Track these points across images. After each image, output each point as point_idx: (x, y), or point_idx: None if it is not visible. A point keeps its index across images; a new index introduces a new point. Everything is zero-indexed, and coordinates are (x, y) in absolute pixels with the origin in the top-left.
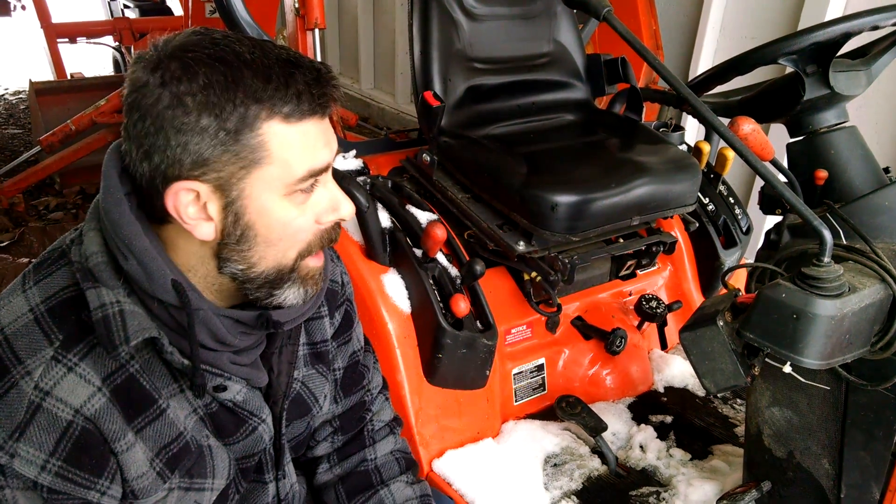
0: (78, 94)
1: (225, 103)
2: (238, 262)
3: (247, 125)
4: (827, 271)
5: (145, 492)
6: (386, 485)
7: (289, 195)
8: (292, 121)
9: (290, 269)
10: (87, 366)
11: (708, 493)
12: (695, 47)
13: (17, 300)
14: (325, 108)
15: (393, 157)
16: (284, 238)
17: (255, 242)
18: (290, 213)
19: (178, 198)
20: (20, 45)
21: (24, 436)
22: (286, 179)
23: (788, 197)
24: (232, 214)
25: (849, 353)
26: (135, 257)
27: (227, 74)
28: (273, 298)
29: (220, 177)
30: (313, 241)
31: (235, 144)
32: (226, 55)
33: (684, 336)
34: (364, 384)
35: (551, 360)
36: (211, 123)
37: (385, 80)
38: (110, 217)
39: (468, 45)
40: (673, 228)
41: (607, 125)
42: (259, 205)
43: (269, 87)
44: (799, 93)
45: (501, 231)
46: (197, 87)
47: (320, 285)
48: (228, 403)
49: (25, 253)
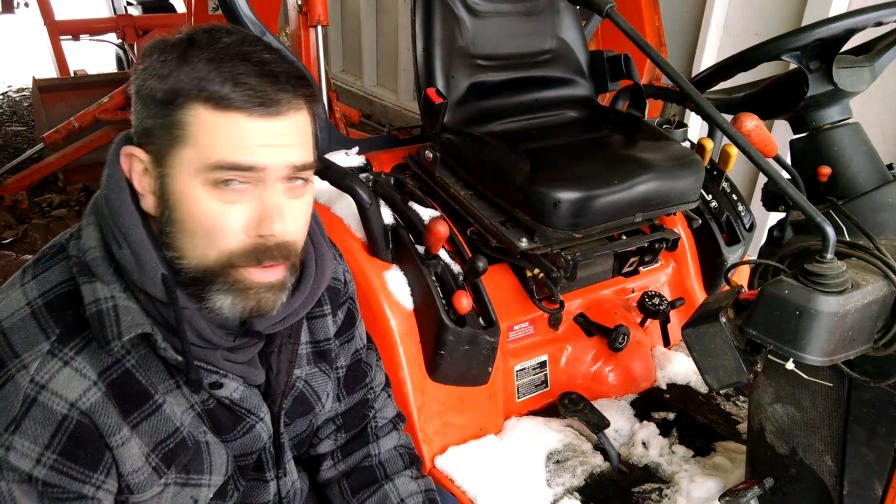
0: (81, 91)
1: (167, 76)
2: (169, 248)
3: (174, 99)
4: (830, 268)
5: (141, 487)
6: (390, 479)
7: (206, 185)
8: (220, 107)
9: (213, 273)
10: (83, 360)
11: (710, 489)
12: (698, 44)
13: (15, 294)
14: (266, 105)
15: (396, 154)
16: (200, 232)
17: (177, 227)
18: (209, 205)
19: (132, 164)
20: (23, 42)
21: (20, 429)
22: (200, 163)
23: (791, 193)
24: (161, 190)
25: (851, 350)
26: (129, 246)
27: (183, 53)
28: (205, 301)
29: (156, 149)
30: (236, 251)
31: (165, 118)
32: (200, 39)
33: (687, 333)
34: (367, 382)
35: (554, 356)
36: (154, 92)
37: (388, 77)
38: (111, 204)
39: (471, 42)
40: (676, 225)
41: (610, 122)
42: (180, 186)
43: (208, 70)
44: (802, 89)
45: (504, 228)
46: (158, 60)
47: (267, 304)
48: (226, 401)
49: (29, 250)
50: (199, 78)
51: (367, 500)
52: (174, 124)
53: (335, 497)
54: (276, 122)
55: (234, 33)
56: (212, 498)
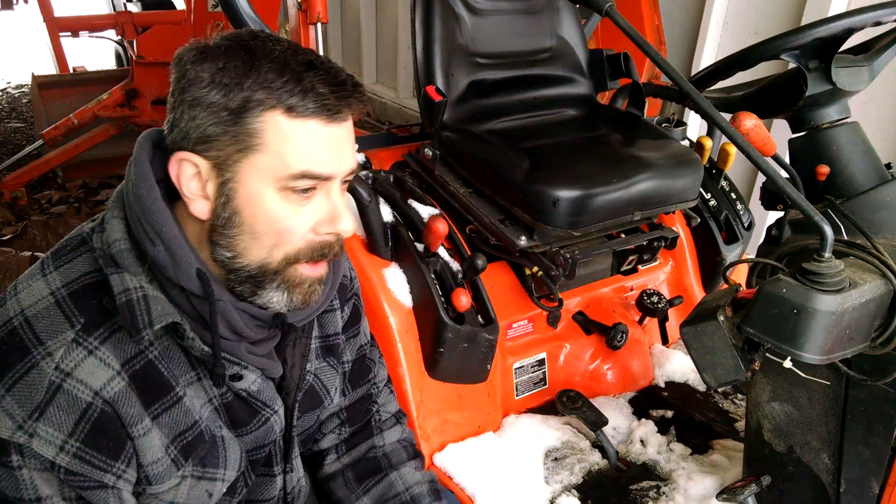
0: (80, 87)
1: (234, 85)
2: (225, 249)
3: (248, 109)
4: (827, 266)
5: (159, 478)
6: (395, 468)
7: (281, 191)
8: (294, 115)
9: (274, 272)
10: (108, 350)
11: (708, 487)
12: (697, 42)
13: (38, 284)
14: (335, 112)
15: (395, 152)
16: (270, 234)
17: (241, 230)
18: (281, 210)
19: (182, 169)
20: (23, 38)
21: (44, 416)
22: (278, 172)
23: (790, 192)
24: (224, 196)
25: (849, 349)
26: (163, 243)
27: (246, 61)
28: (256, 297)
29: (218, 156)
30: (303, 249)
31: (235, 126)
32: (254, 47)
33: (685, 331)
34: (370, 377)
35: (552, 354)
36: (218, 101)
37: (387, 75)
38: (141, 203)
39: (470, 40)
40: (674, 224)
41: (609, 120)
42: (248, 191)
43: (279, 80)
44: (801, 88)
45: (503, 226)
46: (216, 67)
47: (314, 296)
48: (243, 393)
49: (28, 246)
50: (273, 88)
51: (372, 489)
52: (248, 133)
53: (339, 488)
54: (341, 127)
55: (279, 40)
56: (223, 493)
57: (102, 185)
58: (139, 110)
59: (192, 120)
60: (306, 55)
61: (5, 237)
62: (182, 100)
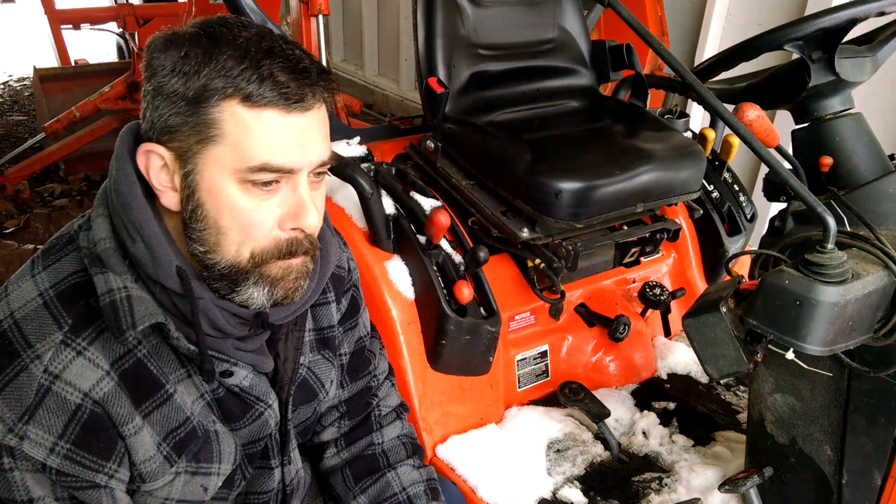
0: (82, 80)
1: (193, 73)
2: (197, 243)
3: (206, 98)
4: (830, 258)
5: (152, 475)
6: (393, 468)
7: (242, 184)
8: (251, 105)
9: (246, 270)
10: (96, 350)
11: (710, 478)
12: (700, 33)
13: (26, 285)
14: (295, 101)
15: (397, 144)
16: (234, 229)
17: (206, 224)
18: (243, 203)
19: (150, 160)
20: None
21: (34, 419)
22: (237, 165)
23: (793, 184)
24: (188, 187)
25: (851, 340)
26: (143, 240)
27: (208, 49)
28: (235, 295)
29: (180, 146)
30: (268, 248)
31: (193, 116)
32: (218, 34)
33: (687, 322)
34: (370, 370)
35: (555, 346)
36: (178, 90)
37: (389, 67)
38: (122, 199)
39: (472, 31)
40: (677, 216)
41: (612, 112)
42: (210, 184)
43: (237, 67)
44: (804, 79)
45: (505, 218)
46: (178, 55)
47: (297, 292)
48: (235, 389)
49: (31, 239)
50: (231, 76)
51: (369, 488)
52: (205, 123)
53: (338, 485)
54: (305, 116)
55: (250, 26)
56: (220, 486)
57: (105, 178)
58: (140, 102)
59: (156, 110)
60: (271, 42)
61: (8, 230)
62: (148, 89)
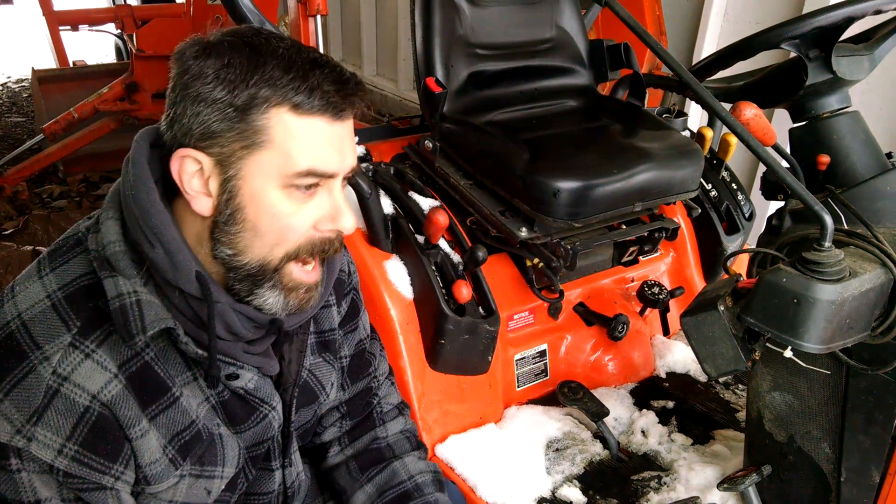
0: (80, 81)
1: (239, 81)
2: (226, 246)
3: (255, 105)
4: (828, 256)
5: (157, 478)
6: (399, 458)
7: (285, 188)
8: (301, 113)
9: (274, 269)
10: (104, 353)
11: (709, 477)
12: (698, 32)
13: (34, 286)
14: (340, 110)
15: (395, 144)
16: (272, 231)
17: (243, 227)
18: (284, 206)
19: (184, 165)
20: (22, 32)
21: (42, 420)
22: (284, 170)
23: (790, 182)
24: (227, 192)
25: (849, 338)
26: (162, 246)
27: (251, 58)
28: (253, 297)
29: (222, 152)
30: (303, 246)
31: (241, 122)
32: (258, 44)
33: (685, 321)
34: (370, 371)
35: (553, 345)
36: (223, 97)
37: (387, 67)
38: (140, 205)
39: (470, 31)
40: (675, 214)
41: (610, 111)
42: (253, 188)
43: (285, 77)
44: (801, 77)
45: (504, 217)
46: (220, 63)
47: (311, 302)
48: (240, 391)
49: (29, 241)
50: (280, 85)
51: (375, 477)
52: (254, 129)
53: (342, 477)
54: (344, 125)
55: (282, 38)
56: (223, 489)
57: (103, 179)
58: (139, 104)
59: (196, 116)
60: (310, 53)
61: (7, 231)
62: (185, 95)
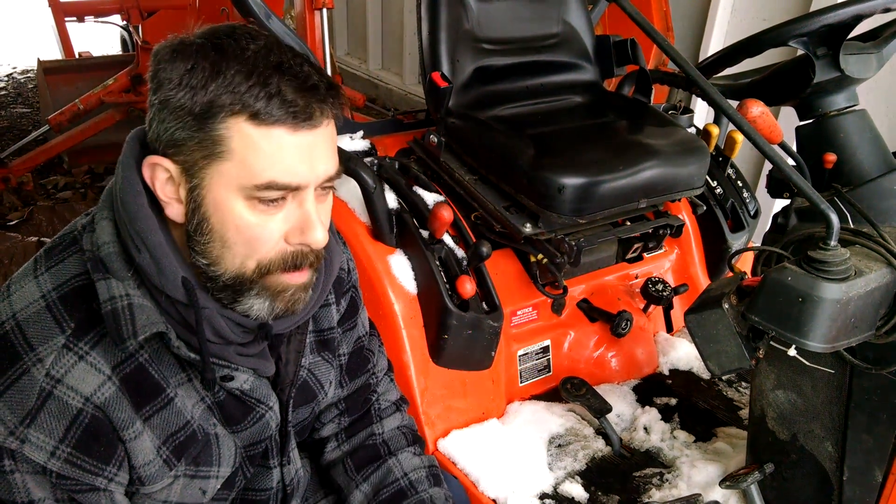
0: (86, 73)
1: (200, 88)
2: (201, 256)
3: (213, 114)
4: (833, 255)
5: (152, 479)
6: (394, 455)
7: (248, 200)
8: (259, 122)
9: (250, 280)
10: (98, 354)
11: (711, 474)
12: (705, 29)
13: (29, 286)
14: (305, 119)
15: (400, 139)
16: (239, 243)
17: (211, 237)
18: (249, 218)
19: (155, 173)
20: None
21: (35, 422)
22: (244, 182)
23: (796, 180)
24: (193, 201)
25: (854, 337)
26: (148, 251)
27: (215, 62)
28: (237, 305)
29: (186, 160)
30: (275, 259)
31: (200, 131)
32: (226, 46)
33: (689, 318)
34: (369, 368)
35: (557, 341)
36: (184, 104)
37: (393, 61)
38: (127, 209)
39: (476, 26)
40: (680, 211)
41: (616, 107)
42: (215, 199)
43: (245, 84)
44: (809, 75)
45: (508, 213)
46: (185, 67)
47: (298, 305)
48: (236, 392)
49: (34, 232)
50: (239, 93)
51: (370, 476)
52: (212, 139)
53: (339, 475)
54: (313, 133)
55: (258, 37)
56: (220, 488)
57: (108, 171)
58: (144, 96)
59: (162, 122)
60: (280, 56)
61: (12, 222)
62: (154, 101)
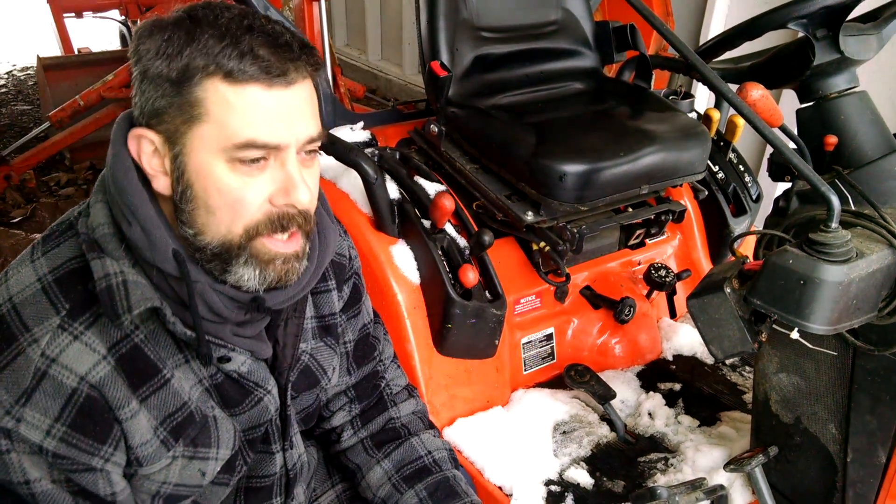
0: (86, 69)
1: (175, 55)
2: (188, 226)
3: (188, 77)
4: (834, 237)
5: (149, 459)
6: (416, 435)
7: (229, 162)
8: (234, 81)
9: (238, 246)
10: (93, 334)
11: (716, 458)
12: (705, 13)
13: (26, 270)
14: (278, 75)
15: (401, 129)
16: (223, 207)
17: (196, 205)
18: (232, 181)
19: (141, 146)
20: (27, 20)
21: (30, 401)
22: (223, 143)
23: (796, 163)
24: (177, 169)
25: (856, 319)
26: (139, 224)
27: (190, 30)
28: (228, 275)
29: (168, 129)
30: (262, 221)
31: (178, 97)
32: (201, 16)
33: (692, 303)
34: (376, 355)
35: (560, 329)
36: (162, 72)
37: (392, 51)
38: (118, 184)
39: (475, 14)
40: (682, 197)
41: (616, 93)
42: (197, 163)
43: (218, 45)
44: (809, 58)
45: (510, 201)
46: (161, 38)
47: (291, 275)
48: (234, 374)
49: (37, 229)
50: (212, 54)
51: (392, 453)
52: (189, 102)
53: (357, 455)
54: (289, 91)
55: (232, 8)
56: (221, 472)
57: None
58: None
59: (143, 94)
60: (252, 20)
61: (15, 220)
62: (136, 74)
